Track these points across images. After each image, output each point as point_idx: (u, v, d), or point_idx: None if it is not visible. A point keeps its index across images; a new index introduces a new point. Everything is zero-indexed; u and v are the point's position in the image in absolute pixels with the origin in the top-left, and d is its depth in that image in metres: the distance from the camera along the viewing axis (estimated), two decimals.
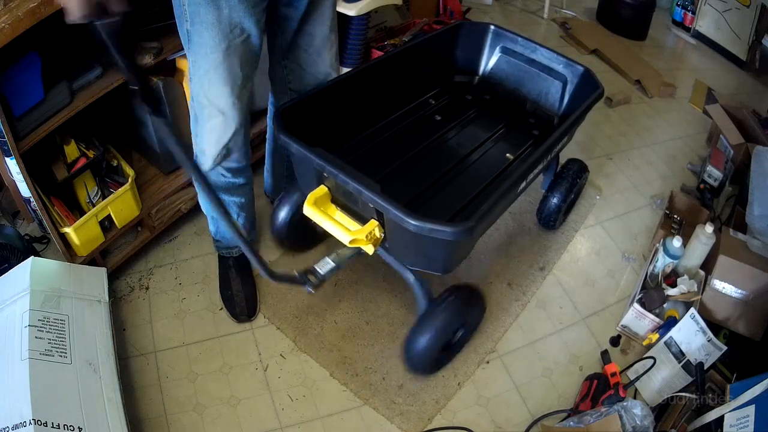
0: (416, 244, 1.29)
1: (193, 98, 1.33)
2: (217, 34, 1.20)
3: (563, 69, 1.83)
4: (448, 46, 1.92)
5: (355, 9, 1.90)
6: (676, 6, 3.42)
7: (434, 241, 1.22)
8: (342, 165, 1.28)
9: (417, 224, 1.17)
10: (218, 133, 1.34)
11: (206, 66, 1.24)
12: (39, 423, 1.10)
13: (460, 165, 1.71)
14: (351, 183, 1.25)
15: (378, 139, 1.72)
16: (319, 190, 1.36)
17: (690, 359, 1.58)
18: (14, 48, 1.17)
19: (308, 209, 1.34)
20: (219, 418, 1.45)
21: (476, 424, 1.50)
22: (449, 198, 1.59)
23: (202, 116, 1.33)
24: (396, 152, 1.69)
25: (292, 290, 1.72)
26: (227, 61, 1.24)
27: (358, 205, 1.33)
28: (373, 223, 1.30)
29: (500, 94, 1.96)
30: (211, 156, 1.39)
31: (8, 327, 1.26)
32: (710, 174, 2.20)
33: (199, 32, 1.20)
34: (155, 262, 1.77)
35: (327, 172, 1.29)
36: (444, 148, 1.76)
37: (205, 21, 1.18)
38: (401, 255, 1.40)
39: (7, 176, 1.48)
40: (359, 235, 1.28)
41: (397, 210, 1.19)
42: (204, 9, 1.16)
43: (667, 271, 1.76)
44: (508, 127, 1.86)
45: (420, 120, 1.81)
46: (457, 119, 1.85)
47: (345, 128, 1.67)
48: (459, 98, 1.94)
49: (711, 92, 2.86)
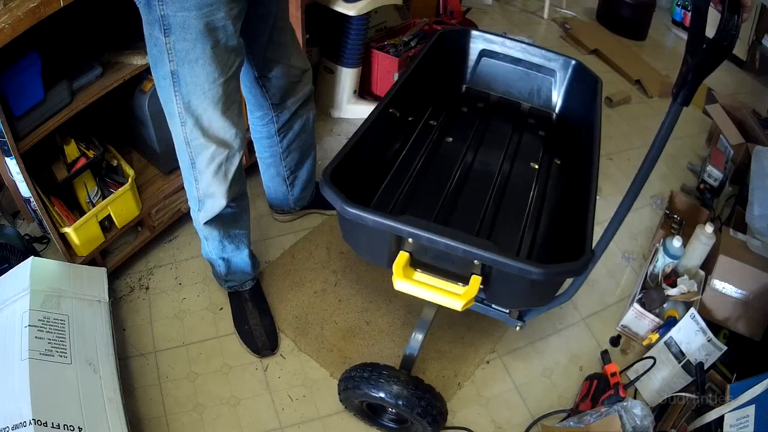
0: (528, 288, 1.19)
1: (188, 142, 1.21)
2: (215, 69, 1.10)
3: (551, 64, 1.78)
4: (436, 61, 1.81)
5: (355, 9, 1.90)
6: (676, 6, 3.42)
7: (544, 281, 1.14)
8: (439, 228, 1.12)
9: (544, 271, 1.06)
10: (225, 168, 1.27)
11: (204, 104, 1.14)
12: (39, 423, 1.10)
13: (497, 187, 1.58)
14: (460, 247, 1.08)
15: (407, 179, 1.56)
16: (401, 258, 1.17)
17: (690, 359, 1.58)
18: (14, 48, 1.17)
19: (402, 284, 1.17)
20: (219, 418, 1.45)
21: (476, 424, 1.50)
22: (507, 228, 1.47)
23: (203, 158, 1.24)
24: (432, 188, 1.54)
25: (292, 290, 1.73)
26: (227, 93, 1.16)
27: (451, 263, 1.18)
28: (477, 280, 1.16)
29: (491, 99, 1.89)
30: (222, 195, 1.31)
31: (8, 327, 1.26)
32: (710, 174, 2.19)
33: (192, 71, 1.09)
34: (155, 262, 1.77)
35: (424, 240, 1.11)
36: (474, 173, 1.63)
37: (201, 57, 1.07)
38: (504, 302, 1.31)
39: (7, 176, 1.48)
40: (469, 297, 1.14)
41: (520, 263, 1.07)
42: (200, 44, 1.05)
43: (667, 271, 1.76)
44: (515, 134, 1.78)
45: (433, 147, 1.68)
46: (467, 137, 1.74)
47: (370, 176, 1.51)
48: (455, 111, 1.83)
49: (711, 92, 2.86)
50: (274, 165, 1.71)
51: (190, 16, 1.02)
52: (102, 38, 1.44)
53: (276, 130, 1.59)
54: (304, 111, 1.60)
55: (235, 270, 1.57)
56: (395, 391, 1.25)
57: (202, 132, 1.19)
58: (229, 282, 1.61)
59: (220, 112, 1.18)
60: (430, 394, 1.30)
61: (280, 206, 1.87)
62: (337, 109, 2.32)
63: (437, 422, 1.32)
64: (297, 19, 1.75)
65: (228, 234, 1.46)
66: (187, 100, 1.14)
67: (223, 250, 1.50)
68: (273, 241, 1.86)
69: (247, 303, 1.61)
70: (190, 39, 1.04)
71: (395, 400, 1.26)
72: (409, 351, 1.35)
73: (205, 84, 1.11)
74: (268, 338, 1.56)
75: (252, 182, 1.95)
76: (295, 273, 1.77)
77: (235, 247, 1.51)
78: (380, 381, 1.27)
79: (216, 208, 1.34)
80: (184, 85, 1.11)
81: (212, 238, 1.46)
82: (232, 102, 1.20)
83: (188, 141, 1.22)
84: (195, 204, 1.37)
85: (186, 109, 1.16)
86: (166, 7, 1.01)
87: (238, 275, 1.59)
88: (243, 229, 1.49)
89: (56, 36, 1.37)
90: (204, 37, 1.05)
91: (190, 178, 1.31)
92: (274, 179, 1.77)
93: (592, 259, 1.12)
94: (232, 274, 1.58)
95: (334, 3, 1.89)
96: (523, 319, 1.39)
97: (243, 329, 1.58)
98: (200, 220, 1.40)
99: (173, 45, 1.05)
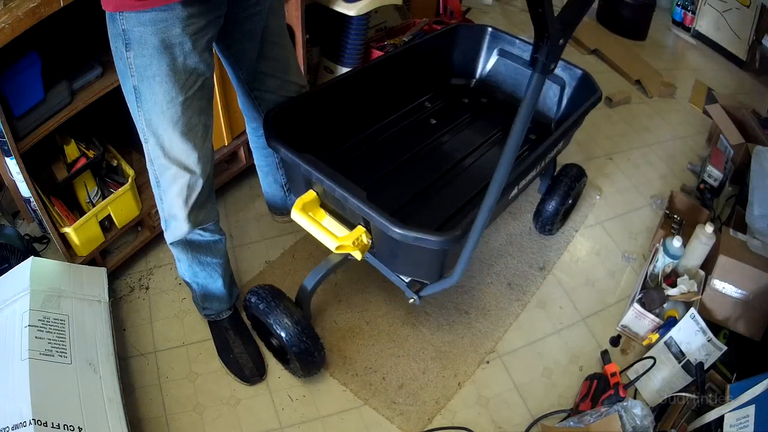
0: (403, 252, 1.28)
1: (152, 161, 1.20)
2: (173, 87, 1.07)
3: (561, 72, 1.81)
4: (445, 49, 1.90)
5: (355, 9, 1.89)
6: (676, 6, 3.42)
7: (421, 250, 1.20)
8: (328, 171, 1.26)
9: (401, 233, 1.15)
10: (187, 193, 1.23)
11: (164, 124, 1.11)
12: (39, 423, 1.10)
13: (453, 170, 1.69)
14: (337, 189, 1.23)
15: (371, 144, 1.70)
16: (307, 195, 1.35)
17: (690, 359, 1.58)
18: (14, 48, 1.17)
19: (296, 214, 1.32)
20: (219, 418, 1.45)
21: (476, 424, 1.50)
22: (442, 204, 1.57)
23: (166, 178, 1.21)
24: (388, 157, 1.67)
25: (291, 291, 1.72)
26: (186, 115, 1.12)
27: (346, 212, 1.32)
28: (360, 230, 1.28)
29: (497, 97, 1.94)
30: (184, 219, 1.27)
31: (8, 327, 1.26)
32: (710, 174, 2.20)
33: (151, 87, 1.06)
34: (155, 262, 1.77)
35: (314, 177, 1.27)
36: (438, 152, 1.74)
37: (158, 74, 1.04)
38: (389, 262, 1.39)
39: (7, 176, 1.48)
40: (346, 241, 1.26)
41: (382, 218, 1.17)
42: (156, 61, 1.03)
43: (667, 271, 1.76)
44: (503, 131, 1.84)
45: (415, 124, 1.79)
46: (452, 123, 1.83)
47: (337, 132, 1.65)
48: (455, 101, 1.91)
49: (711, 92, 2.86)
50: (271, 173, 1.72)
51: (146, 31, 1.00)
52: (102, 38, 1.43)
53: None
54: None
55: (211, 297, 1.52)
56: (280, 318, 1.36)
57: (162, 152, 1.16)
58: (206, 310, 1.56)
59: (180, 133, 1.13)
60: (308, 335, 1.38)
61: (278, 209, 1.87)
62: None
63: (308, 367, 1.43)
64: (297, 19, 1.75)
65: (198, 260, 1.42)
66: (148, 117, 1.12)
67: (195, 275, 1.46)
68: (273, 241, 1.86)
69: (228, 332, 1.57)
70: (147, 54, 1.02)
71: (278, 328, 1.36)
72: (304, 283, 1.43)
73: (163, 103, 1.08)
74: (255, 365, 1.52)
75: (252, 182, 1.95)
76: (295, 273, 1.77)
77: (207, 275, 1.46)
78: (273, 304, 1.38)
79: (179, 232, 1.31)
80: (145, 102, 1.09)
81: (182, 260, 1.43)
82: (194, 125, 1.15)
83: (151, 159, 1.20)
84: (163, 222, 1.34)
85: (147, 126, 1.13)
86: (125, 21, 1.00)
87: (214, 303, 1.54)
88: (216, 258, 1.44)
89: (56, 36, 1.37)
90: (160, 53, 1.02)
91: (157, 195, 1.28)
92: (271, 185, 1.77)
93: (458, 237, 1.17)
94: (209, 302, 1.54)
95: (334, 3, 1.88)
96: (419, 294, 1.42)
97: (228, 359, 1.54)
98: (167, 239, 1.37)
99: (133, 60, 1.04)
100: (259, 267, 1.77)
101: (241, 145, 1.85)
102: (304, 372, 1.46)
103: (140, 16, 0.99)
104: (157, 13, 0.99)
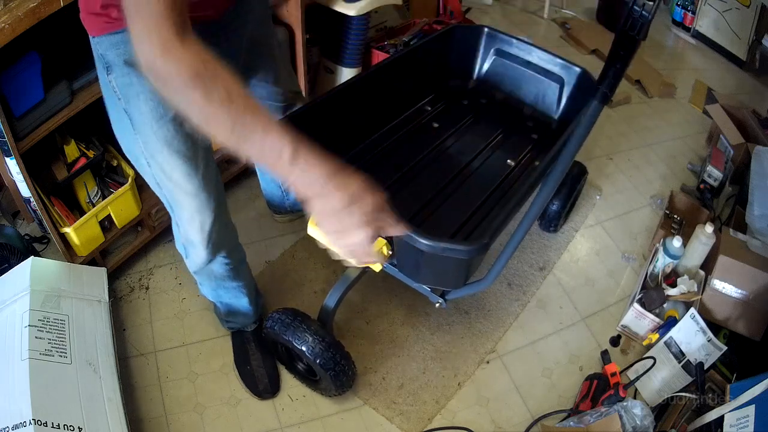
0: (428, 262, 1.23)
1: (160, 185, 1.14)
2: (159, 104, 1.01)
3: (560, 70, 1.81)
4: (443, 51, 1.86)
5: (355, 9, 1.89)
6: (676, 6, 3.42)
7: (446, 260, 1.17)
8: None
9: (430, 244, 1.10)
10: (200, 220, 1.17)
11: (158, 145, 1.06)
12: (39, 423, 1.10)
13: (461, 174, 1.65)
14: None
15: (375, 151, 1.65)
16: None
17: (690, 359, 1.58)
18: (14, 48, 1.17)
19: (311, 229, 1.22)
20: (219, 418, 1.45)
21: (476, 424, 1.50)
22: (453, 210, 1.53)
23: (177, 201, 1.15)
24: (395, 164, 1.62)
25: (292, 290, 1.73)
26: (180, 133, 1.05)
27: None
28: (381, 242, 1.19)
29: (497, 97, 1.92)
30: (203, 246, 1.22)
31: (8, 327, 1.26)
32: (710, 174, 2.20)
33: (138, 107, 1.02)
34: (155, 262, 1.77)
35: None
36: (444, 156, 1.71)
37: (142, 92, 1.00)
38: (411, 273, 1.33)
39: (7, 176, 1.48)
40: None
41: (409, 230, 1.11)
42: (136, 78, 0.98)
43: (667, 271, 1.76)
44: (506, 132, 1.83)
45: (417, 128, 1.76)
46: (455, 126, 1.81)
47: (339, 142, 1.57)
48: (455, 103, 1.89)
49: (711, 92, 2.86)
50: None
51: (120, 52, 0.97)
52: None
53: None
54: None
55: (236, 313, 1.50)
56: (309, 341, 1.33)
57: (166, 176, 1.10)
58: (230, 323, 1.54)
59: (176, 153, 1.07)
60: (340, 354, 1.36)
61: (277, 208, 1.87)
62: None
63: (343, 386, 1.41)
64: (297, 19, 1.75)
65: (222, 286, 1.40)
66: (144, 139, 1.06)
67: (218, 297, 1.44)
68: (273, 241, 1.86)
69: (250, 343, 1.54)
70: (127, 74, 0.99)
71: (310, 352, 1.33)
72: (326, 302, 1.41)
73: (152, 122, 1.03)
74: (270, 382, 1.50)
75: (252, 182, 1.95)
76: (295, 273, 1.77)
77: (232, 296, 1.44)
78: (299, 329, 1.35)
79: (199, 260, 1.27)
80: (137, 124, 1.05)
81: (205, 284, 1.41)
82: (191, 144, 1.08)
83: (159, 183, 1.14)
84: (182, 249, 1.30)
85: (146, 149, 1.08)
86: (100, 45, 0.99)
87: (239, 318, 1.52)
88: (240, 281, 1.41)
89: (56, 36, 1.37)
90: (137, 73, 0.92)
91: (173, 221, 1.24)
92: (269, 184, 1.77)
93: (485, 245, 1.15)
94: (233, 316, 1.51)
95: (334, 3, 1.88)
96: (445, 297, 1.41)
97: (244, 369, 1.52)
98: (190, 268, 1.34)
99: (115, 82, 1.01)
100: (259, 267, 1.77)
101: None
102: (338, 391, 1.43)
103: (111, 38, 0.97)
104: (125, 33, 0.90)
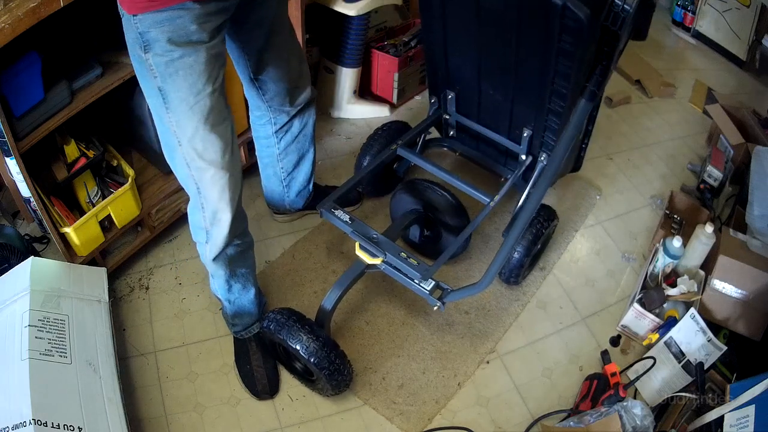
0: None
1: (189, 165, 1.17)
2: (198, 79, 1.06)
3: None
4: None
5: (355, 9, 1.89)
6: (676, 6, 3.42)
7: None
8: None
9: None
10: (230, 194, 1.22)
11: (194, 121, 1.10)
12: (39, 423, 1.10)
13: None
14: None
15: None
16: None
17: (690, 359, 1.58)
18: (14, 48, 1.17)
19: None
20: (219, 418, 1.45)
21: (476, 424, 1.50)
22: None
23: (205, 182, 1.19)
24: None
25: (292, 290, 1.73)
26: (217, 107, 1.11)
27: None
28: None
29: None
30: (228, 223, 1.26)
31: (8, 327, 1.26)
32: (710, 174, 2.19)
33: (175, 84, 1.05)
34: (155, 262, 1.77)
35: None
36: None
37: (181, 68, 1.03)
38: None
39: (7, 176, 1.48)
40: None
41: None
42: (178, 56, 1.03)
43: (667, 271, 1.76)
44: None
45: None
46: None
47: None
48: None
49: (711, 92, 2.86)
50: (271, 165, 1.71)
51: (163, 30, 1.00)
52: (102, 38, 1.44)
53: (273, 131, 1.58)
54: (303, 115, 1.59)
55: (241, 312, 1.51)
56: (304, 340, 1.35)
57: (197, 155, 1.15)
58: (235, 327, 1.54)
59: (211, 127, 1.12)
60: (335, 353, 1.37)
61: (276, 207, 1.87)
62: (336, 109, 2.31)
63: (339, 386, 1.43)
64: (297, 19, 1.75)
65: (234, 273, 1.42)
66: (177, 117, 1.10)
67: (229, 291, 1.45)
68: (273, 241, 1.86)
69: (251, 343, 1.55)
70: (167, 52, 1.02)
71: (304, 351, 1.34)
72: (324, 303, 1.42)
73: (190, 97, 1.07)
74: (269, 383, 1.50)
75: (252, 182, 1.95)
76: (295, 273, 1.77)
77: (241, 287, 1.46)
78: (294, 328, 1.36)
79: (220, 241, 1.29)
80: (171, 101, 1.08)
81: (218, 276, 1.41)
82: (224, 118, 1.15)
83: (188, 163, 1.17)
84: (203, 236, 1.32)
85: (178, 128, 1.12)
86: (140, 24, 1.00)
87: (244, 318, 1.53)
88: (248, 267, 1.45)
89: (56, 36, 1.37)
90: (180, 48, 1.02)
91: (197, 205, 1.26)
92: (270, 179, 1.77)
93: None
94: (239, 317, 1.52)
95: (334, 3, 1.88)
96: (443, 300, 1.42)
97: (244, 369, 1.52)
98: (208, 255, 1.34)
99: (153, 60, 1.04)
100: (259, 267, 1.77)
101: (241, 145, 1.85)
102: (335, 391, 1.44)
103: (155, 16, 0.99)
104: (171, 12, 0.99)
